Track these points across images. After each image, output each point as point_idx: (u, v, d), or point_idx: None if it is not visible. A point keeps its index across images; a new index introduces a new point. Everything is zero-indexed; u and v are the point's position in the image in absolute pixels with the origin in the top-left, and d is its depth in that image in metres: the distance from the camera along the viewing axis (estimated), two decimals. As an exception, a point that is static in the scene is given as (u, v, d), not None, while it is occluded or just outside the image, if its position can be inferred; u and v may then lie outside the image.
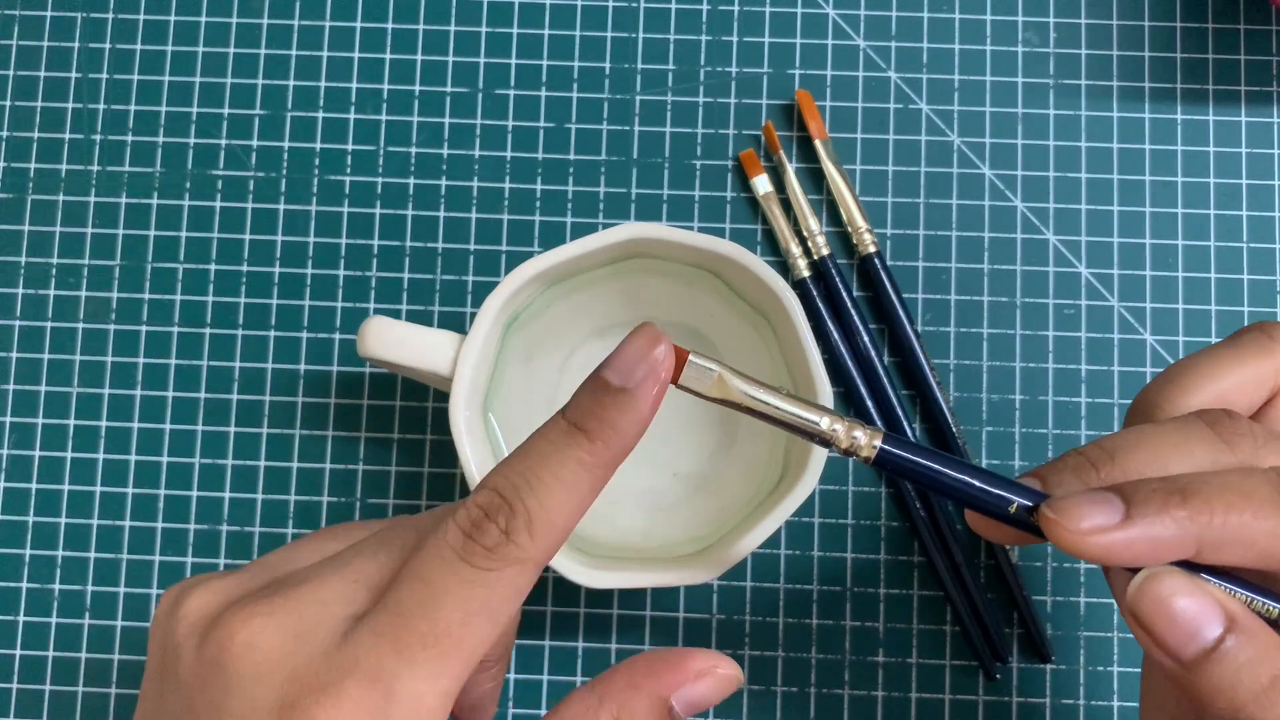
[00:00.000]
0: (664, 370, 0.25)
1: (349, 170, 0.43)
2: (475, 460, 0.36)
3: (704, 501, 0.39)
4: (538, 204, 0.43)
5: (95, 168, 0.43)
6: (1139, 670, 0.40)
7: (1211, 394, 0.28)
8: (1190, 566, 0.24)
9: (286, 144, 0.43)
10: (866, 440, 0.27)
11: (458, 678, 0.24)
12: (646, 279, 0.39)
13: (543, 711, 0.40)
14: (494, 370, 0.38)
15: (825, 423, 0.27)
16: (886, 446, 0.27)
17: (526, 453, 0.26)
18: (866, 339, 0.41)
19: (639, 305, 0.39)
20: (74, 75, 0.44)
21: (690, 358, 0.27)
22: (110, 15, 0.44)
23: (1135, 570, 0.24)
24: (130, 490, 0.42)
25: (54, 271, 0.43)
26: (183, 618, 0.25)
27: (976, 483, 0.27)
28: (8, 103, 0.44)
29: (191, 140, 0.43)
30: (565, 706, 0.25)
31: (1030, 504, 0.26)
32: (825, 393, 0.36)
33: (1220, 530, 0.23)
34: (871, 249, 0.41)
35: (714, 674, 0.26)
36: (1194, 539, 0.24)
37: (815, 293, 0.41)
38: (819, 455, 0.35)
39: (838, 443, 0.27)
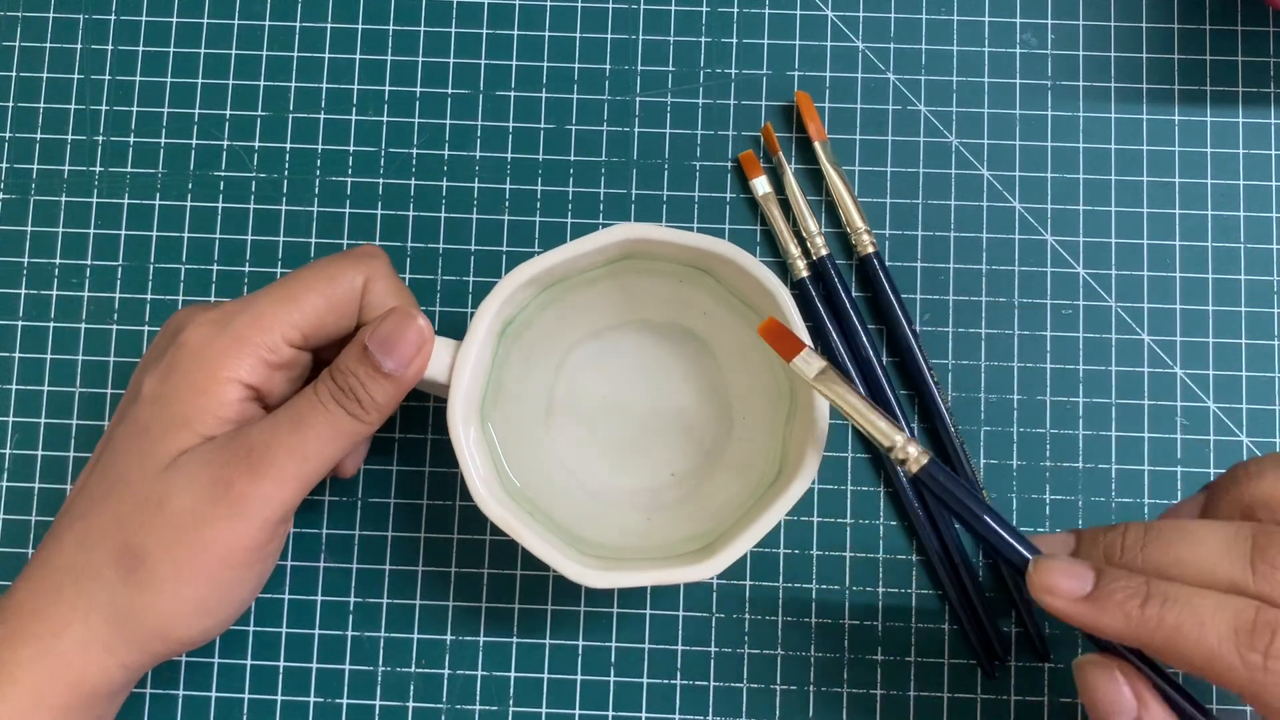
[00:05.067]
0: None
1: (350, 171, 0.43)
2: (474, 464, 0.36)
3: (701, 500, 0.39)
4: (538, 205, 0.43)
5: (98, 169, 0.44)
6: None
7: None
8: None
9: (288, 145, 0.43)
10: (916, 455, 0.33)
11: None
12: (642, 279, 0.39)
13: (543, 710, 0.41)
14: (490, 374, 0.38)
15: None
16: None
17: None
18: (865, 339, 0.41)
19: (634, 306, 0.39)
20: (76, 77, 0.44)
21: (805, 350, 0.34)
22: (113, 17, 0.44)
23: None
24: (133, 489, 0.42)
25: (56, 272, 0.43)
26: (170, 321, 0.36)
27: (997, 528, 0.32)
28: (10, 104, 0.44)
29: (194, 141, 0.44)
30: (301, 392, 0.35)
31: (1028, 557, 0.31)
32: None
33: (1162, 644, 0.27)
34: (870, 249, 0.42)
35: (393, 312, 0.35)
36: (1134, 639, 0.27)
37: (814, 293, 0.41)
38: (815, 452, 0.35)
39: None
